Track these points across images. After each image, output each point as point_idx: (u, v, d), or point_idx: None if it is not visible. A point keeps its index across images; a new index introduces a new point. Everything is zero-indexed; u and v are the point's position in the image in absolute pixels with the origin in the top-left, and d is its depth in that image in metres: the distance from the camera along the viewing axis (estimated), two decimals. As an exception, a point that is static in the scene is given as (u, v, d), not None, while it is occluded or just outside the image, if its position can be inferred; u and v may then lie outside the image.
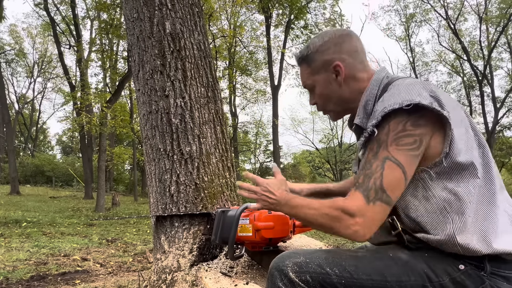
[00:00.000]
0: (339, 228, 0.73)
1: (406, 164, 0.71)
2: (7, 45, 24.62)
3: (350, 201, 0.73)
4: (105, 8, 10.56)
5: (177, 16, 1.74)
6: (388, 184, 0.71)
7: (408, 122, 0.72)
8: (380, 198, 0.71)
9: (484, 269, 0.73)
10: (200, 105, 1.68)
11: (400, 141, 0.72)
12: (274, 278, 0.77)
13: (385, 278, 0.74)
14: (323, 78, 0.89)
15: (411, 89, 0.74)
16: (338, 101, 0.90)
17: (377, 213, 0.71)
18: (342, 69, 0.87)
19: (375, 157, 0.73)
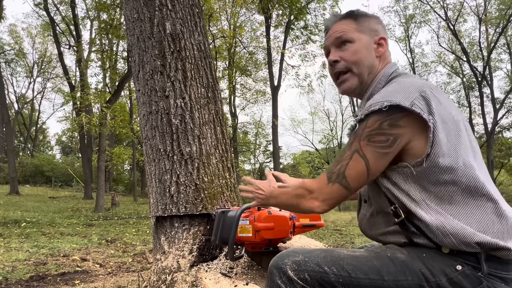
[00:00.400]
0: (302, 202, 0.84)
1: (372, 159, 0.77)
2: (6, 45, 24.62)
3: (313, 181, 0.85)
4: (105, 8, 10.56)
5: (177, 17, 1.74)
6: (350, 173, 0.78)
7: (385, 122, 0.75)
8: (340, 182, 0.79)
9: (481, 269, 0.73)
10: (200, 105, 1.69)
11: (372, 138, 0.77)
12: (273, 276, 0.78)
13: (382, 277, 0.74)
14: (367, 40, 0.90)
15: (402, 89, 0.77)
16: (366, 68, 0.90)
17: (334, 192, 0.80)
18: (385, 46, 0.92)
19: (349, 148, 0.80)
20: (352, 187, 0.79)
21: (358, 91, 0.93)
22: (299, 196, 0.85)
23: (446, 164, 0.75)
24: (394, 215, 0.81)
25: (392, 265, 0.76)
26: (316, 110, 29.37)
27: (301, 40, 16.77)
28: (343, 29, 0.91)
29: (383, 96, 0.77)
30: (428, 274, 0.74)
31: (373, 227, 0.90)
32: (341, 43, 0.91)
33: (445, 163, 0.75)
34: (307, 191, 0.83)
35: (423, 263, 0.75)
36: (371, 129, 0.77)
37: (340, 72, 0.92)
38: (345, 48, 0.91)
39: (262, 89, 20.28)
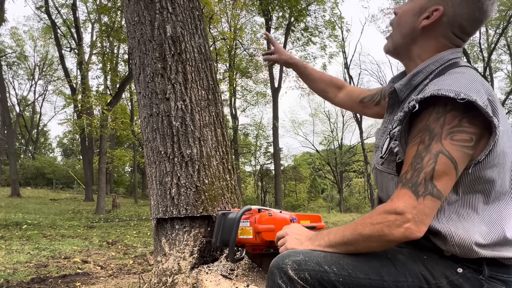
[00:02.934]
0: (390, 230, 0.68)
1: (459, 160, 0.67)
2: (8, 47, 24.73)
3: (396, 201, 0.69)
4: (106, 11, 10.61)
5: (177, 20, 1.75)
6: (439, 178, 0.67)
7: (465, 119, 0.67)
8: (430, 193, 0.67)
9: (483, 272, 0.72)
10: (200, 107, 1.69)
11: (454, 136, 0.67)
12: (273, 275, 0.78)
13: (382, 277, 0.74)
14: (421, 4, 0.78)
15: (472, 83, 0.68)
16: (402, 36, 0.81)
17: (427, 207, 0.67)
18: (431, 18, 0.76)
19: (427, 150, 0.68)
20: (443, 195, 0.68)
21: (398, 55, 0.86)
22: (382, 225, 0.69)
23: (489, 176, 0.71)
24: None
25: (392, 266, 0.75)
26: (316, 111, 29.41)
27: (302, 42, 16.81)
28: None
29: (457, 83, 0.67)
30: (428, 276, 0.73)
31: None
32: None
33: (489, 174, 0.71)
34: (394, 214, 0.68)
35: (424, 265, 0.75)
36: (451, 126, 0.67)
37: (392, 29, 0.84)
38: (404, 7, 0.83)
39: (263, 91, 20.33)
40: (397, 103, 0.84)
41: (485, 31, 19.07)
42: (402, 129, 0.75)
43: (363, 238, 0.72)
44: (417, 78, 0.79)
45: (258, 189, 29.39)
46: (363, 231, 0.72)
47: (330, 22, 16.00)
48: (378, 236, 0.70)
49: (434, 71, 0.77)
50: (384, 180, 0.83)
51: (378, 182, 0.87)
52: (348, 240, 0.75)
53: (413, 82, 0.79)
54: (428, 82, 0.76)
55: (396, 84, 0.82)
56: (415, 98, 0.70)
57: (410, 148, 0.72)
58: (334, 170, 25.97)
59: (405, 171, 0.71)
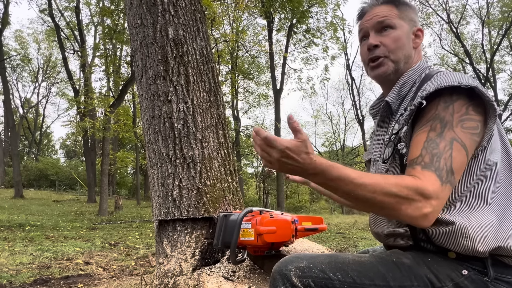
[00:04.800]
0: (407, 209, 0.65)
1: (470, 147, 0.70)
2: (12, 50, 24.94)
3: (425, 182, 0.66)
4: (109, 14, 10.68)
5: (179, 22, 1.76)
6: (456, 166, 0.68)
7: (470, 107, 0.71)
8: (450, 181, 0.68)
9: (488, 274, 0.72)
10: (202, 109, 1.70)
11: (464, 124, 0.70)
12: (276, 282, 0.77)
13: (388, 283, 0.73)
14: (407, 28, 0.88)
15: (464, 76, 0.73)
16: (406, 56, 0.87)
17: (446, 195, 0.68)
18: (421, 38, 0.89)
19: (441, 137, 0.69)
20: (455, 184, 0.69)
21: (391, 78, 0.89)
22: (403, 200, 0.65)
23: (493, 160, 0.73)
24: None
25: (397, 270, 0.74)
26: (318, 113, 29.39)
27: (304, 43, 16.84)
28: (386, 13, 0.87)
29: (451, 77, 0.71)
30: (433, 279, 0.73)
31: (382, 224, 0.88)
32: (383, 28, 0.87)
33: (493, 159, 0.73)
34: (420, 195, 0.65)
35: (428, 268, 0.74)
36: (461, 114, 0.70)
37: (378, 56, 0.88)
38: (386, 34, 0.87)
39: (265, 93, 20.34)
40: (389, 116, 0.90)
41: (487, 32, 19.01)
42: (408, 129, 0.77)
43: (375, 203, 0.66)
44: (404, 88, 0.86)
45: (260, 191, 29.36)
46: (379, 197, 0.65)
47: (332, 24, 16.02)
48: (392, 209, 0.66)
49: (417, 79, 0.85)
50: None
51: None
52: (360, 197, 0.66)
53: (401, 92, 0.86)
54: (415, 89, 0.83)
55: (387, 97, 0.87)
56: (420, 95, 0.73)
57: (419, 134, 0.72)
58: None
59: (418, 154, 0.70)
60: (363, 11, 0.93)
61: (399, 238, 0.83)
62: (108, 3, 11.58)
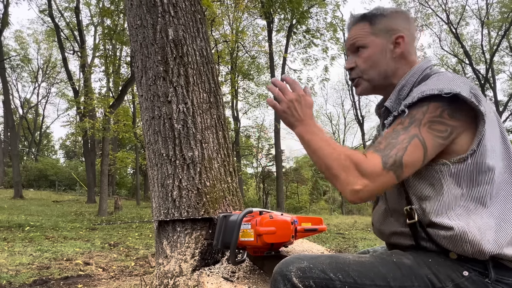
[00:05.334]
0: (343, 179, 0.72)
1: (430, 148, 0.71)
2: (12, 50, 24.94)
3: (368, 161, 0.71)
4: (108, 14, 10.69)
5: (179, 23, 1.77)
6: (407, 160, 0.70)
7: (446, 111, 0.72)
8: (394, 170, 0.70)
9: (489, 276, 0.72)
10: (202, 110, 1.70)
11: (433, 125, 0.72)
12: (277, 283, 0.77)
13: (388, 283, 0.73)
14: (381, 43, 0.87)
15: (453, 80, 0.74)
16: (382, 72, 0.87)
17: (386, 182, 0.71)
18: (403, 43, 0.86)
19: (405, 130, 0.73)
20: (402, 177, 0.71)
21: (377, 91, 0.92)
22: (344, 168, 0.71)
23: (489, 164, 0.73)
24: (408, 216, 0.79)
25: (398, 270, 0.75)
26: (318, 113, 29.40)
27: (303, 44, 16.85)
28: (356, 34, 0.89)
29: (439, 83, 0.73)
30: (434, 280, 0.73)
31: (384, 223, 0.89)
32: (356, 49, 0.90)
33: (488, 162, 0.73)
34: (358, 170, 0.71)
35: (429, 268, 0.74)
36: (432, 115, 0.72)
37: (353, 78, 0.91)
38: (359, 54, 0.89)
39: (265, 93, 20.33)
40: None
41: (487, 33, 19.03)
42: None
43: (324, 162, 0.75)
44: (403, 91, 0.85)
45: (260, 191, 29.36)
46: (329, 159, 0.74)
47: (331, 24, 16.04)
48: (333, 174, 0.74)
49: (416, 81, 0.85)
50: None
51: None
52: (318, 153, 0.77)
53: (401, 96, 0.86)
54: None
55: (387, 102, 0.87)
56: (404, 103, 0.76)
57: (389, 128, 0.77)
58: (336, 172, 25.75)
59: (379, 141, 0.74)
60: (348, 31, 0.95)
61: (402, 237, 0.83)
62: (108, 3, 11.59)
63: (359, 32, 0.90)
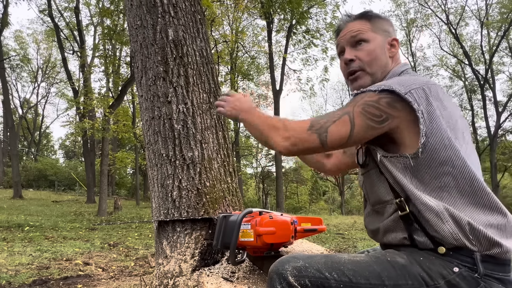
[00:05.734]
0: (272, 133, 0.85)
1: (358, 127, 0.78)
2: (12, 50, 24.92)
3: (294, 122, 0.84)
4: (108, 15, 10.69)
5: (179, 23, 1.77)
6: (333, 130, 0.79)
7: (385, 99, 0.78)
8: (319, 134, 0.79)
9: (478, 271, 0.73)
10: (202, 111, 1.70)
11: (367, 108, 0.78)
12: (273, 281, 0.78)
13: (383, 282, 0.75)
14: (381, 40, 0.92)
15: (403, 81, 0.80)
16: (382, 67, 0.92)
17: (308, 141, 0.80)
18: (396, 47, 0.94)
19: (342, 109, 0.82)
20: (327, 144, 0.79)
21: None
22: (273, 127, 0.86)
23: (444, 156, 0.77)
24: (399, 208, 0.81)
25: (392, 269, 0.76)
26: (318, 114, 29.41)
27: (303, 44, 16.85)
28: (358, 28, 0.92)
29: (383, 83, 0.81)
30: (426, 278, 0.74)
31: (374, 221, 0.90)
32: (356, 42, 0.92)
33: (443, 155, 0.77)
34: (284, 126, 0.84)
35: (421, 266, 0.75)
36: (369, 100, 0.79)
37: (355, 71, 0.93)
38: (360, 48, 0.92)
39: (264, 93, 20.34)
40: None
41: (486, 33, 19.05)
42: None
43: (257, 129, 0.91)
44: None
45: (260, 191, 29.35)
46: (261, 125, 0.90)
47: (331, 25, 16.03)
48: (263, 133, 0.88)
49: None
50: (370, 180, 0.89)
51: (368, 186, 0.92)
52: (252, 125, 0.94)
53: None
54: None
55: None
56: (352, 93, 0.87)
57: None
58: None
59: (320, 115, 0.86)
60: (339, 28, 0.98)
61: (394, 232, 0.84)
62: (107, 3, 11.59)
63: (360, 27, 0.92)
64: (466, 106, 22.34)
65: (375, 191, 0.88)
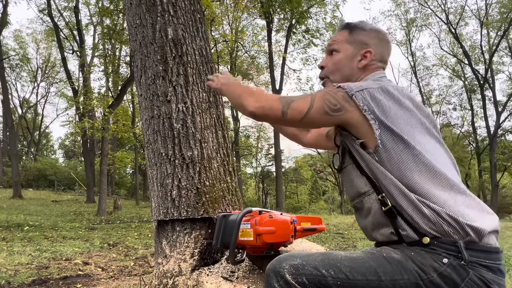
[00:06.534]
0: (245, 97, 0.94)
1: (316, 109, 0.87)
2: (11, 50, 24.89)
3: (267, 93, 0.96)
4: (108, 14, 10.67)
5: (179, 22, 1.76)
6: (294, 105, 0.88)
7: (341, 93, 0.87)
8: (283, 104, 0.89)
9: (463, 258, 0.74)
10: (201, 110, 1.70)
11: (326, 96, 0.88)
12: (270, 279, 0.79)
13: (379, 277, 0.75)
14: (351, 51, 0.99)
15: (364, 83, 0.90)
16: (344, 77, 0.99)
17: (273, 107, 0.89)
18: (369, 57, 0.99)
19: (311, 93, 0.92)
20: (287, 115, 0.88)
21: None
22: (250, 93, 0.95)
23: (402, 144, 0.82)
24: (382, 204, 0.84)
25: (388, 265, 0.77)
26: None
27: (303, 44, 16.85)
28: (335, 39, 1.02)
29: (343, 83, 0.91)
30: (420, 272, 0.75)
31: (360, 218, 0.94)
32: (331, 51, 1.03)
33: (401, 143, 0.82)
34: (259, 93, 0.94)
35: (413, 261, 0.77)
36: (330, 90, 0.89)
37: (322, 77, 1.04)
38: (331, 57, 1.02)
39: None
40: None
41: (486, 33, 19.06)
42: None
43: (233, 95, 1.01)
44: None
45: (259, 191, 29.37)
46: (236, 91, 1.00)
47: (331, 24, 16.03)
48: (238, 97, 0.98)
49: None
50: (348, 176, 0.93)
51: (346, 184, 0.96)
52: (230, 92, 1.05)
53: None
54: None
55: None
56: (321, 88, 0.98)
57: None
58: (335, 172, 25.88)
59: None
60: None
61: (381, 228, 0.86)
62: (107, 3, 11.57)
63: (338, 38, 1.02)
64: (466, 106, 22.37)
65: (353, 185, 0.91)
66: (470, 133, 22.74)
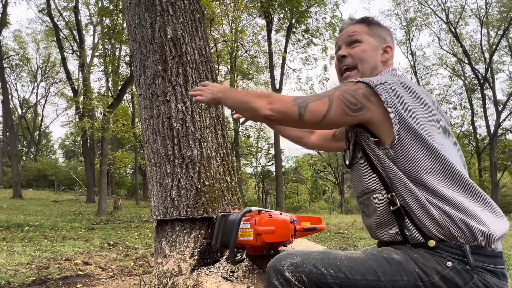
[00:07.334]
0: (258, 102, 0.89)
1: (334, 110, 0.83)
2: (11, 50, 24.88)
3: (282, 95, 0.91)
4: (107, 14, 10.67)
5: (178, 22, 1.76)
6: (311, 107, 0.85)
7: (362, 90, 0.83)
8: (299, 107, 0.85)
9: (469, 262, 0.74)
10: (201, 109, 1.70)
11: (345, 94, 0.84)
12: (270, 277, 0.80)
13: (378, 278, 0.75)
14: (375, 43, 0.99)
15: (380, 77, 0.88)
16: (371, 67, 0.98)
17: (289, 109, 0.85)
18: (389, 53, 1.00)
19: (326, 92, 0.88)
20: (304, 118, 0.84)
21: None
22: (259, 96, 0.90)
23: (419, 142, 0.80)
24: (390, 203, 0.83)
25: (388, 265, 0.77)
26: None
27: (303, 43, 16.84)
28: (355, 30, 1.00)
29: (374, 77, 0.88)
30: (421, 274, 0.75)
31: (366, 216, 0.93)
32: (352, 42, 1.00)
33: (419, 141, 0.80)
34: (270, 95, 0.89)
35: (416, 263, 0.76)
36: (348, 88, 0.85)
37: (347, 68, 1.00)
38: (355, 47, 0.99)
39: (264, 93, 20.26)
40: None
41: (486, 32, 19.05)
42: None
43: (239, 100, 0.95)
44: None
45: (259, 191, 29.38)
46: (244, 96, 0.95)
47: (331, 24, 16.02)
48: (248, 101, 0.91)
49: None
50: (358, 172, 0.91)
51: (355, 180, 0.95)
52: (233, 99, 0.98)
53: None
54: None
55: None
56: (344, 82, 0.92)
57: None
58: (335, 172, 25.95)
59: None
60: (340, 30, 1.06)
61: (386, 227, 0.85)
62: (107, 3, 11.57)
63: (358, 29, 1.00)
64: (466, 105, 22.36)
65: (362, 182, 0.90)
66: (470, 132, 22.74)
